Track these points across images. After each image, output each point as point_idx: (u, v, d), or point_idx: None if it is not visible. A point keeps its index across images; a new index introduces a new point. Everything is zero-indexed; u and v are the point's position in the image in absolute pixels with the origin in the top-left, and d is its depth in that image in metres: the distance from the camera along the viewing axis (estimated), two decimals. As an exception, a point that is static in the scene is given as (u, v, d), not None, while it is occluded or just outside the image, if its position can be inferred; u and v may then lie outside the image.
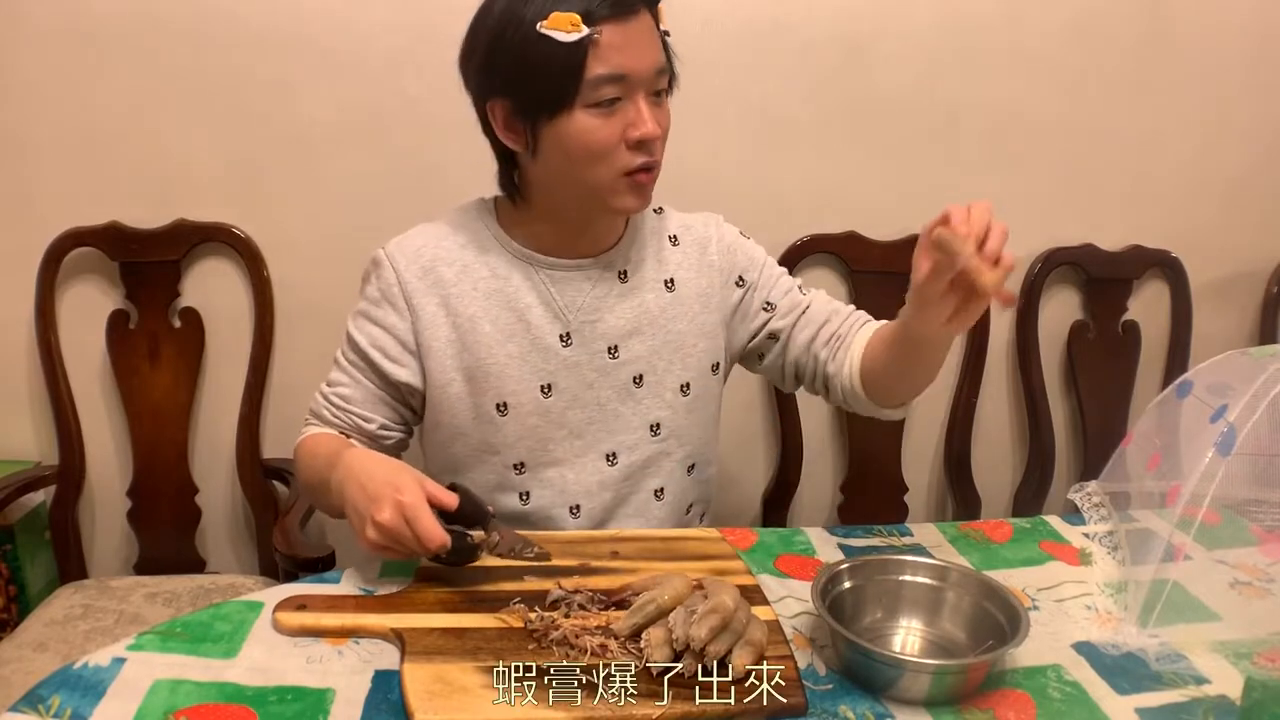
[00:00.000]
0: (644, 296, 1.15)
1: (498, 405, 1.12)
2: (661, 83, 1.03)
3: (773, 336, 1.19)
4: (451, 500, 0.93)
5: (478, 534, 0.95)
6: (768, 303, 1.19)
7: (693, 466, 1.22)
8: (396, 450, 1.18)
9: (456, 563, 0.95)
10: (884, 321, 1.12)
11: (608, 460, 1.16)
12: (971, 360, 1.87)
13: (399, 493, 0.90)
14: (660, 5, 1.04)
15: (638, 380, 1.15)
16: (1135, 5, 1.78)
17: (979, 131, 1.81)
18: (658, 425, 1.17)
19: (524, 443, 1.14)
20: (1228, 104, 1.86)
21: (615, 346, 1.14)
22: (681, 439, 1.19)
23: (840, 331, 1.16)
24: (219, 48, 1.62)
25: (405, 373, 1.12)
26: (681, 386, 1.17)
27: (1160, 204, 1.90)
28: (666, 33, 1.05)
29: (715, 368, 1.20)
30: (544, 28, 0.96)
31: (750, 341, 1.21)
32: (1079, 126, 1.83)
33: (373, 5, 1.63)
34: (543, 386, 1.13)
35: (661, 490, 1.19)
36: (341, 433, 1.14)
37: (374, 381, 1.13)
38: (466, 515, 0.95)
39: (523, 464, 1.15)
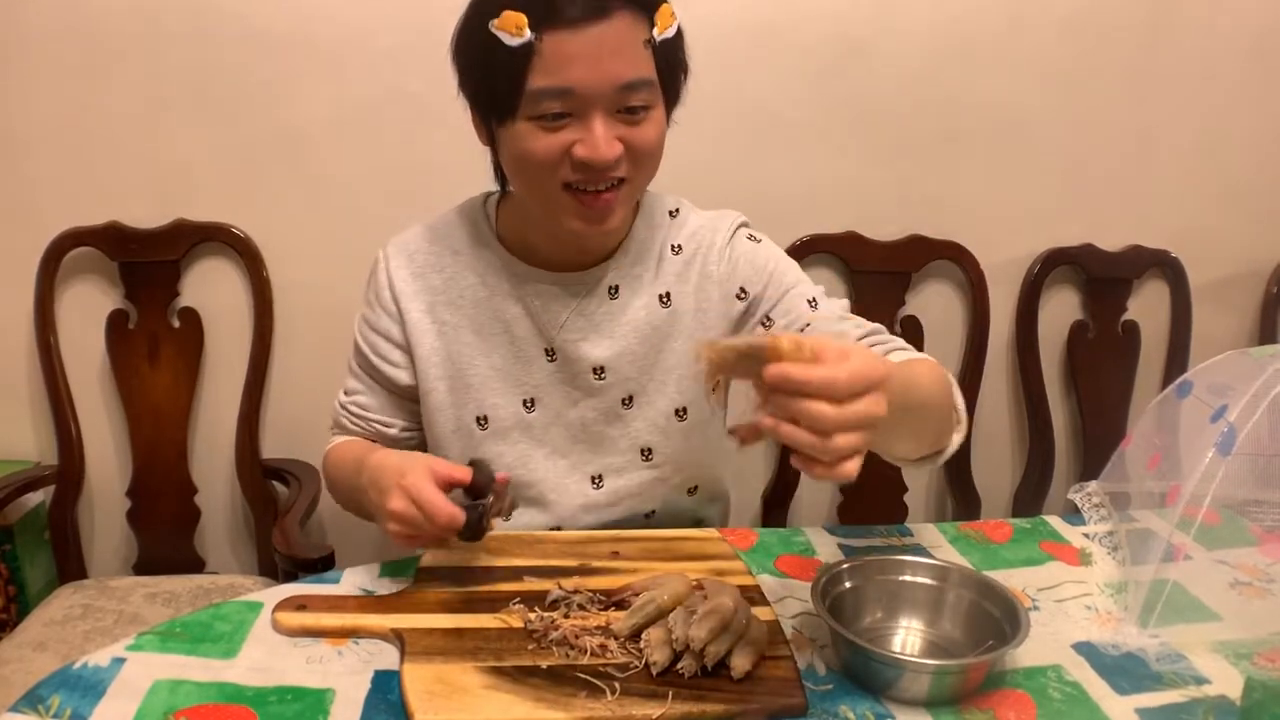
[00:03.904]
0: (636, 313, 1.07)
1: (478, 418, 1.09)
2: (630, 99, 0.91)
3: None
4: (464, 475, 0.90)
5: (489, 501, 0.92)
6: (767, 318, 1.08)
7: (695, 489, 1.16)
8: (423, 450, 1.15)
9: (471, 538, 0.91)
10: (893, 355, 1.00)
11: (593, 483, 1.11)
12: (971, 360, 1.87)
13: (403, 477, 0.88)
14: (665, 4, 0.92)
15: (627, 401, 1.09)
16: (1135, 5, 1.78)
17: (979, 131, 1.81)
18: (649, 450, 1.10)
19: (503, 459, 1.09)
20: (1228, 103, 1.86)
21: (602, 367, 1.07)
22: (679, 464, 1.12)
23: None
24: (219, 47, 1.62)
25: (405, 375, 1.10)
26: (676, 411, 1.10)
27: (1160, 204, 1.90)
28: (651, 41, 0.92)
29: None
30: (494, 26, 0.89)
31: None
32: (1079, 126, 1.83)
33: (372, 4, 1.62)
34: (525, 401, 1.09)
35: (653, 513, 1.14)
36: (366, 438, 1.13)
37: (384, 386, 1.12)
38: (481, 489, 0.92)
39: None
